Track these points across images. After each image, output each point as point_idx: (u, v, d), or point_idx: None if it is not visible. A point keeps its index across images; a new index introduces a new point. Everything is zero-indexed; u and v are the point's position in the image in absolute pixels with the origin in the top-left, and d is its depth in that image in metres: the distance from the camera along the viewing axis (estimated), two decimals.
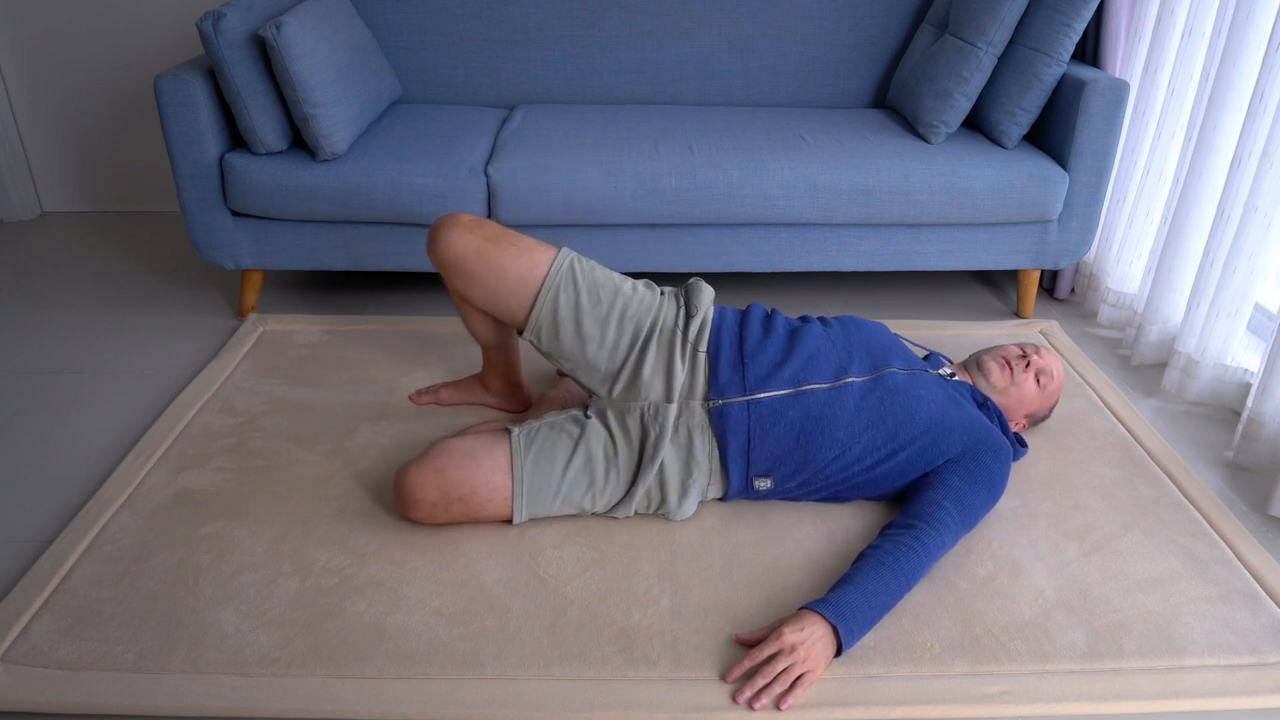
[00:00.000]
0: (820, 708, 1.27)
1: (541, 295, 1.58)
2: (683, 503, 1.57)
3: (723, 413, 1.54)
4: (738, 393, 1.55)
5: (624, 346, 1.60)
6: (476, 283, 1.60)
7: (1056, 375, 1.78)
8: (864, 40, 2.64)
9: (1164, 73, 2.20)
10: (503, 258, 1.58)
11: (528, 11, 2.58)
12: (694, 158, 2.19)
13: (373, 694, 1.27)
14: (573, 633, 1.37)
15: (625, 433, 1.57)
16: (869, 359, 1.62)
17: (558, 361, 1.64)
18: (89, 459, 1.79)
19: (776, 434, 1.54)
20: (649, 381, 1.58)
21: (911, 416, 1.56)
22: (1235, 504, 1.74)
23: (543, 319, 1.60)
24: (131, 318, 2.35)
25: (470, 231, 1.59)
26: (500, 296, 1.60)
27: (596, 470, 1.55)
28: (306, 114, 2.06)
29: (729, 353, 1.58)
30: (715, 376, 1.56)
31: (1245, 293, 1.93)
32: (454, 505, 1.51)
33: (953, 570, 1.51)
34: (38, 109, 2.94)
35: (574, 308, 1.59)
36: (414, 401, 1.95)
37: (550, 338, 1.61)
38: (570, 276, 1.60)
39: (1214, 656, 1.36)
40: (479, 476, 1.50)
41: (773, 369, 1.57)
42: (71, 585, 1.43)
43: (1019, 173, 2.21)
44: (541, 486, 1.53)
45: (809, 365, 1.57)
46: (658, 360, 1.58)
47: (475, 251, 1.58)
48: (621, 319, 1.60)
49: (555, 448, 1.54)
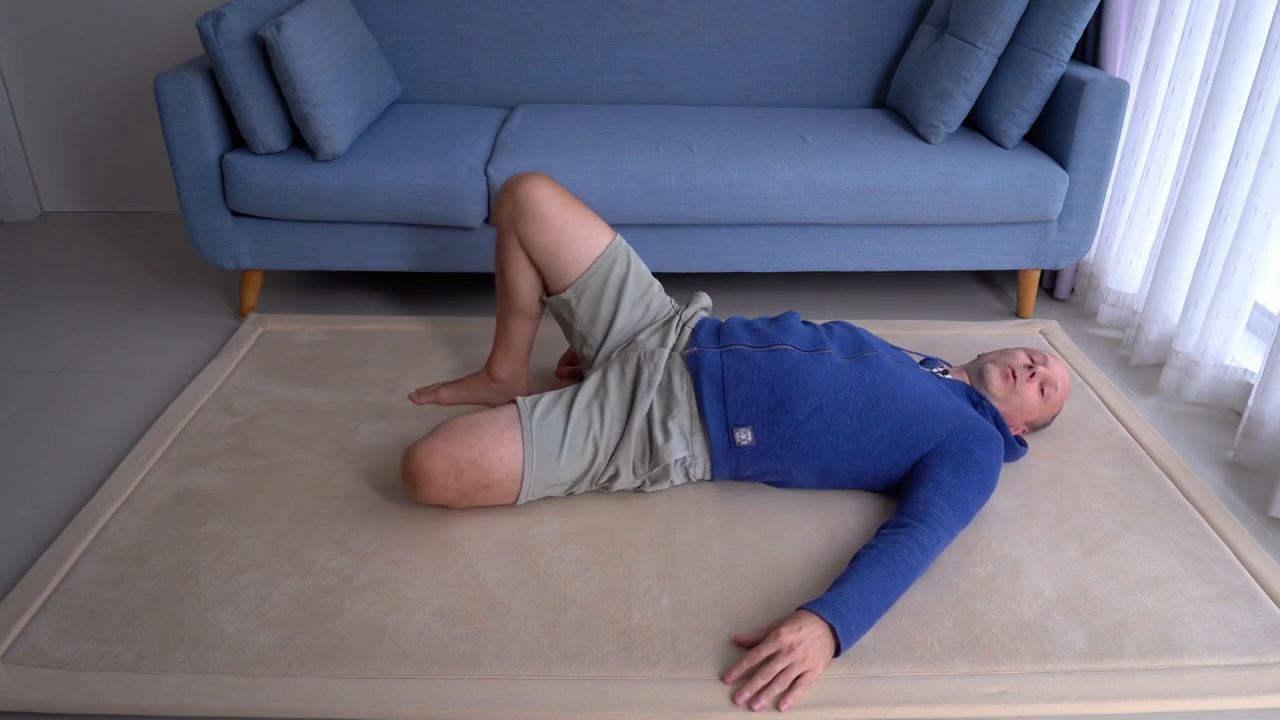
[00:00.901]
0: (820, 708, 1.27)
1: (603, 257, 1.74)
2: (668, 441, 1.60)
3: (698, 356, 1.65)
4: (712, 345, 1.67)
5: (639, 325, 1.76)
6: (552, 227, 1.71)
7: (1061, 386, 1.78)
8: (864, 40, 2.64)
9: (1164, 73, 2.20)
10: (580, 213, 1.74)
11: (528, 11, 2.58)
12: (694, 158, 2.19)
13: (373, 694, 1.27)
14: (573, 633, 1.37)
15: (621, 377, 1.66)
16: (852, 345, 1.69)
17: (579, 321, 1.76)
18: (89, 459, 1.79)
19: (751, 380, 1.60)
20: (644, 341, 1.73)
21: (894, 391, 1.60)
22: (1235, 504, 1.74)
23: (593, 280, 1.73)
24: (131, 318, 2.35)
25: (552, 184, 1.73)
26: (567, 245, 1.72)
27: (593, 413, 1.60)
28: (306, 114, 2.06)
29: (709, 327, 1.74)
30: (694, 338, 1.71)
31: (1245, 292, 1.93)
32: (465, 472, 1.51)
33: (953, 570, 1.51)
34: (38, 109, 2.94)
35: (622, 280, 1.75)
36: (414, 401, 1.96)
37: (592, 300, 1.74)
38: (627, 254, 1.77)
39: (1214, 656, 1.36)
40: (487, 436, 1.53)
41: (748, 335, 1.69)
42: (71, 585, 1.43)
43: (1019, 173, 2.21)
44: (549, 438, 1.56)
45: (785, 336, 1.68)
46: (655, 332, 1.75)
47: (561, 199, 1.72)
48: (648, 306, 1.77)
49: (557, 403, 1.61)
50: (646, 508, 1.64)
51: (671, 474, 1.64)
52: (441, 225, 2.22)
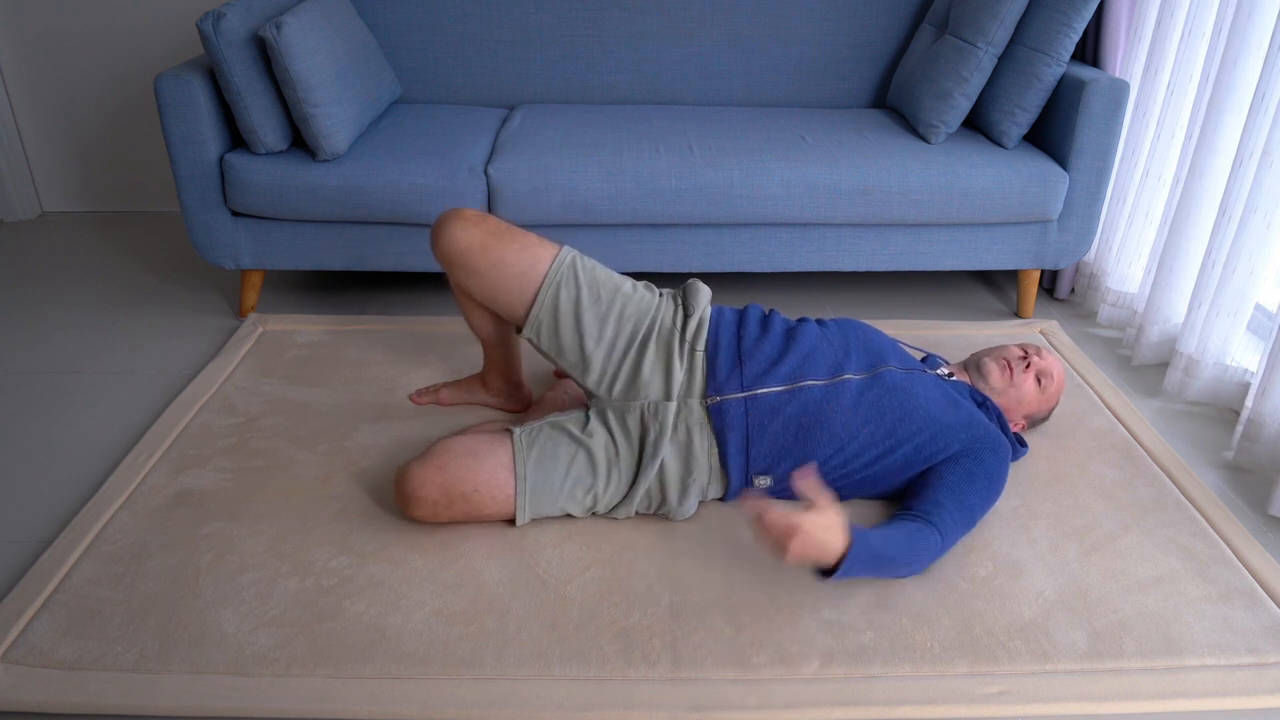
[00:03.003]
0: (820, 707, 1.27)
1: (543, 291, 1.59)
2: (683, 502, 1.57)
3: (721, 409, 1.55)
4: (735, 389, 1.55)
5: (621, 345, 1.61)
6: (479, 277, 1.60)
7: (1057, 377, 1.78)
8: (864, 40, 2.64)
9: (1164, 73, 2.20)
10: (505, 253, 1.59)
11: (528, 11, 2.58)
12: (694, 158, 2.19)
13: (373, 694, 1.27)
14: (573, 633, 1.37)
15: (625, 432, 1.57)
16: (866, 357, 1.63)
17: (557, 359, 1.64)
18: (89, 459, 1.79)
19: (774, 430, 1.54)
20: (648, 380, 1.58)
21: (909, 413, 1.56)
22: (1235, 504, 1.74)
23: (543, 315, 1.61)
24: (131, 318, 2.35)
25: (474, 226, 1.60)
26: (501, 291, 1.61)
27: (598, 470, 1.55)
28: (306, 114, 2.06)
29: (726, 351, 1.59)
30: (713, 374, 1.57)
31: (1245, 293, 1.93)
32: (455, 504, 1.51)
33: (953, 570, 1.51)
34: (38, 109, 2.94)
35: (574, 304, 1.60)
36: (414, 401, 1.95)
37: (550, 334, 1.61)
38: (572, 273, 1.61)
39: (1214, 656, 1.36)
40: (481, 474, 1.50)
41: (769, 365, 1.57)
42: (71, 585, 1.43)
43: (1019, 173, 2.21)
44: (544, 486, 1.53)
45: (806, 362, 1.58)
46: (656, 359, 1.59)
47: (479, 246, 1.59)
48: (620, 317, 1.61)
49: (557, 448, 1.55)
50: None
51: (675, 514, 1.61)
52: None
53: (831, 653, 1.35)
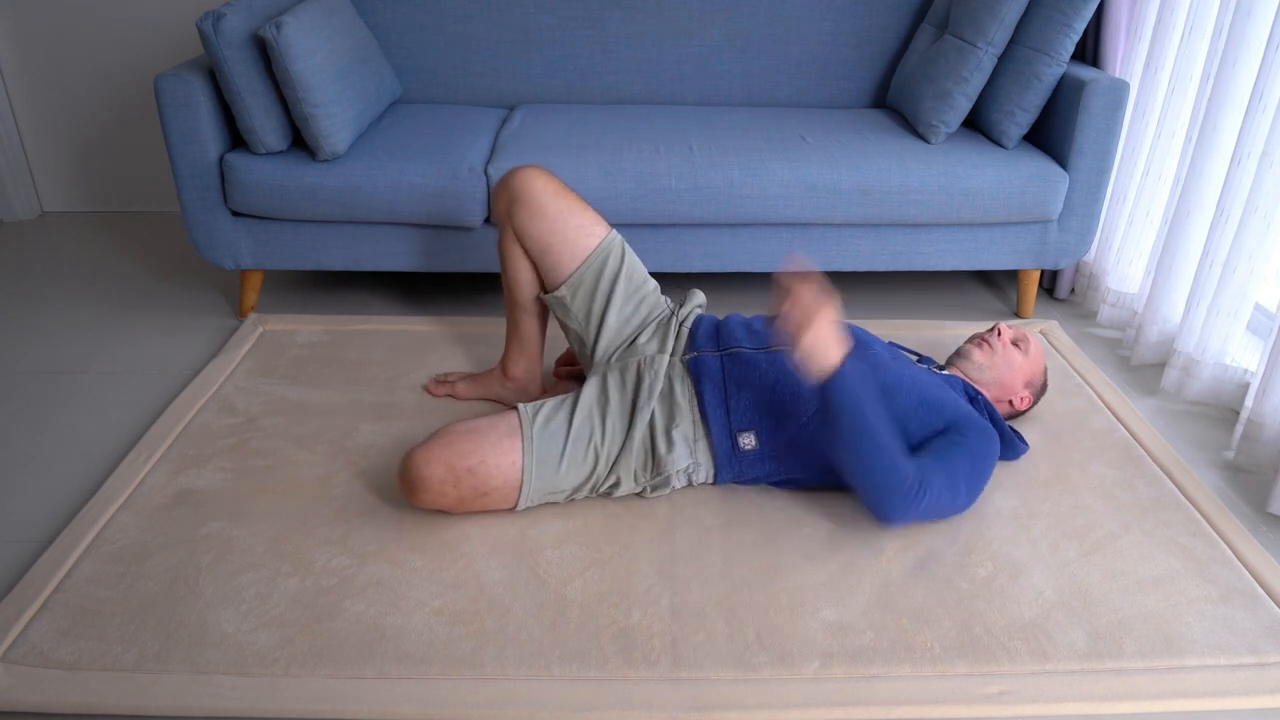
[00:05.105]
0: (820, 707, 1.27)
1: (598, 251, 1.73)
2: (671, 451, 1.59)
3: (698, 362, 1.66)
4: (712, 349, 1.68)
5: (633, 324, 1.75)
6: (544, 218, 1.70)
7: (1031, 339, 1.86)
8: (864, 40, 2.63)
9: (1164, 73, 2.20)
10: (573, 205, 1.73)
11: (528, 11, 2.58)
12: (694, 158, 2.19)
13: (373, 694, 1.27)
14: (573, 633, 1.37)
15: (621, 385, 1.65)
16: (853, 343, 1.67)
17: (578, 323, 1.75)
18: (89, 459, 1.79)
19: (752, 383, 1.61)
20: (643, 346, 1.72)
21: (894, 386, 1.60)
22: (1235, 504, 1.74)
23: (587, 275, 1.73)
24: (131, 318, 2.35)
25: (548, 175, 1.74)
26: (560, 240, 1.71)
27: (595, 422, 1.60)
28: (306, 114, 2.06)
29: (707, 327, 1.74)
30: (693, 340, 1.72)
31: (1245, 292, 1.93)
32: (463, 479, 1.51)
33: (953, 570, 1.51)
34: (38, 109, 2.94)
35: (615, 276, 1.74)
36: (430, 392, 1.96)
37: (586, 296, 1.73)
38: (621, 249, 1.76)
39: (1214, 656, 1.36)
40: (486, 444, 1.53)
41: (746, 335, 1.70)
42: (71, 585, 1.43)
43: (1019, 173, 2.21)
44: (549, 447, 1.56)
45: (784, 342, 1.66)
46: (653, 335, 1.74)
47: (553, 190, 1.72)
48: (641, 302, 1.77)
49: (559, 411, 1.60)
50: (646, 508, 1.64)
51: (673, 481, 1.64)
52: (442, 225, 2.22)
53: (831, 653, 1.35)
